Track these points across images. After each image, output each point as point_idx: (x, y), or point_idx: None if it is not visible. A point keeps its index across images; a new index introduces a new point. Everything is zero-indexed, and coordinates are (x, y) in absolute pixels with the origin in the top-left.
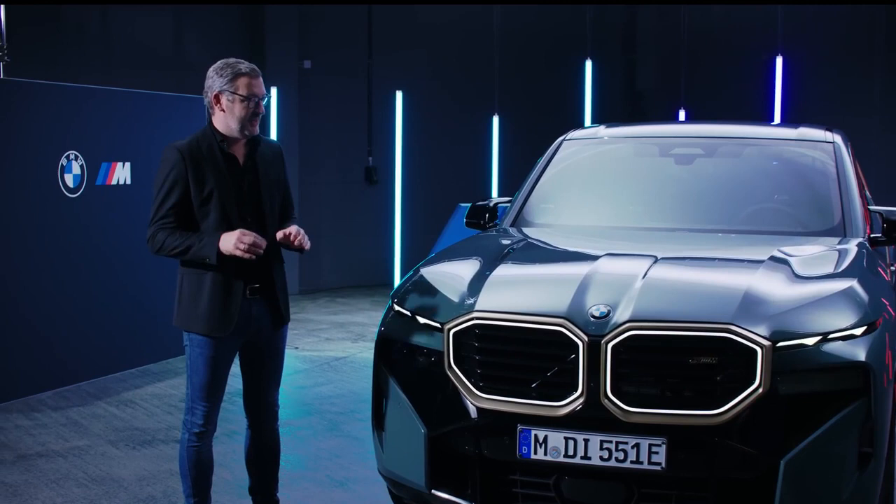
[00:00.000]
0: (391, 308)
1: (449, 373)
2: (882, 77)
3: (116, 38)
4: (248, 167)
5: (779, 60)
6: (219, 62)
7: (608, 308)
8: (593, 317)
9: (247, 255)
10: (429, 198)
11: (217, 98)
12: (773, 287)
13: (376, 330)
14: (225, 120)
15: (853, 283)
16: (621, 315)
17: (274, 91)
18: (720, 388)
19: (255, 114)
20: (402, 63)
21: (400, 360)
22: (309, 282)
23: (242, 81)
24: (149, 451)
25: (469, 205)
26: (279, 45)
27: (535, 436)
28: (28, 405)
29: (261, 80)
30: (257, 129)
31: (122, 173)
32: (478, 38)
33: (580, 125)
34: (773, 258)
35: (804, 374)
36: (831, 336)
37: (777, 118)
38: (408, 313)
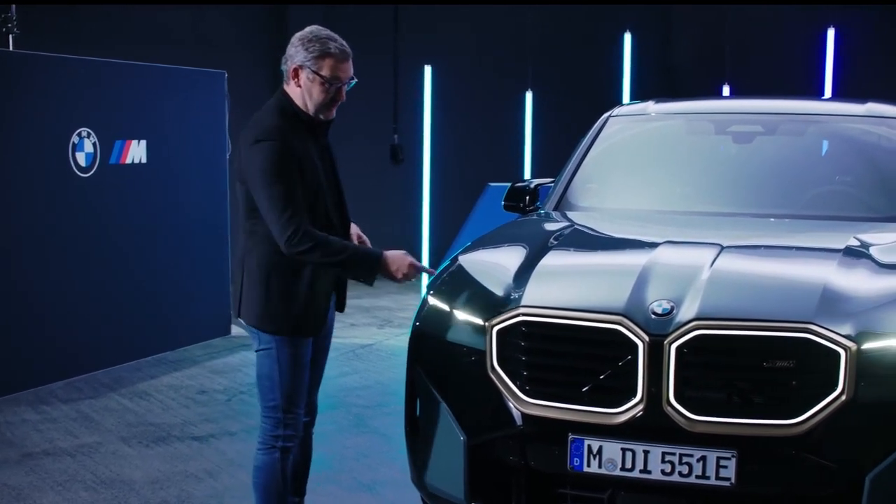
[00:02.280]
0: (426, 301)
1: (492, 374)
2: None
3: (132, 10)
4: (324, 146)
5: (830, 32)
6: (308, 30)
7: (671, 304)
8: (655, 314)
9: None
10: (458, 177)
11: (296, 72)
12: (854, 281)
13: (404, 316)
14: (302, 96)
15: None
16: (686, 312)
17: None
18: (797, 395)
19: (334, 99)
20: (431, 37)
21: (437, 359)
22: None
23: (329, 62)
24: (163, 450)
25: (499, 185)
26: (302, 17)
27: (589, 446)
28: (38, 397)
29: (350, 63)
30: (334, 114)
31: (137, 151)
32: (510, 10)
33: (618, 101)
34: (850, 247)
35: (892, 380)
36: None
37: (828, 94)
38: (446, 308)
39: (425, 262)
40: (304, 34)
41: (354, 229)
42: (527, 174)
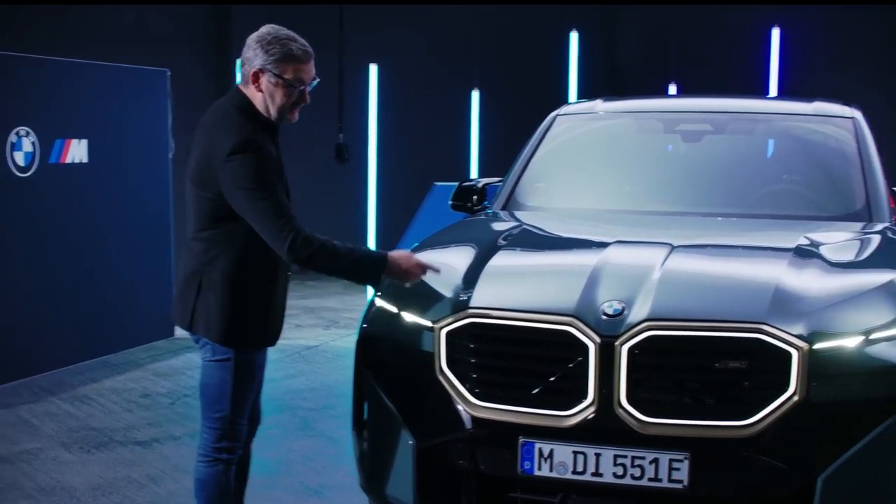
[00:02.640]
0: (374, 303)
1: (440, 377)
2: (884, 50)
3: (72, 7)
4: (279, 154)
5: (775, 32)
6: (266, 31)
7: (622, 305)
8: (606, 315)
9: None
10: (404, 177)
11: (257, 75)
12: (805, 280)
13: (351, 316)
14: (263, 102)
15: (894, 276)
16: (637, 313)
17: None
18: (750, 396)
19: (298, 102)
20: (376, 36)
21: (384, 362)
22: None
23: (292, 65)
24: (105, 455)
25: (445, 184)
26: (245, 16)
27: (540, 449)
28: None
29: (312, 63)
30: (297, 118)
31: (77, 151)
32: (456, 10)
33: (564, 100)
34: (800, 247)
35: (844, 380)
36: (874, 336)
37: (773, 93)
38: (393, 310)
39: None
40: (263, 35)
41: None
42: (473, 173)
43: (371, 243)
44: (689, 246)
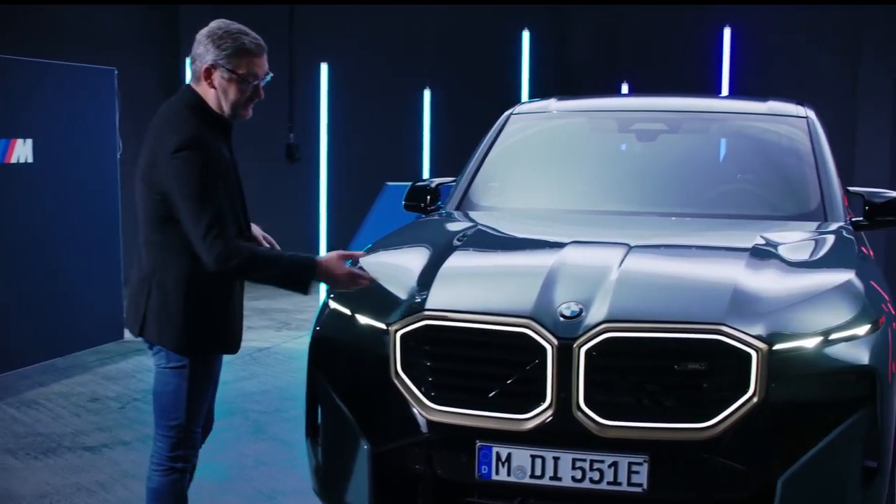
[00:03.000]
0: (327, 305)
1: (396, 381)
2: (835, 49)
3: (18, 5)
4: (231, 149)
5: (727, 32)
6: (216, 25)
7: (580, 306)
8: (563, 316)
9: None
10: (355, 177)
11: (209, 71)
12: (764, 281)
13: (303, 318)
14: (216, 98)
15: (851, 276)
16: (595, 314)
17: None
18: (709, 398)
19: (252, 98)
20: (328, 34)
21: (338, 365)
22: None
23: (245, 59)
24: (53, 462)
25: (397, 184)
26: (193, 15)
27: (497, 453)
28: None
29: (265, 57)
30: (250, 114)
31: (22, 151)
32: (408, 8)
33: (517, 99)
34: (757, 247)
35: (803, 381)
36: (833, 337)
37: (725, 93)
38: (347, 312)
39: None
40: (213, 30)
41: (257, 231)
42: (426, 173)
43: (323, 243)
44: (646, 246)
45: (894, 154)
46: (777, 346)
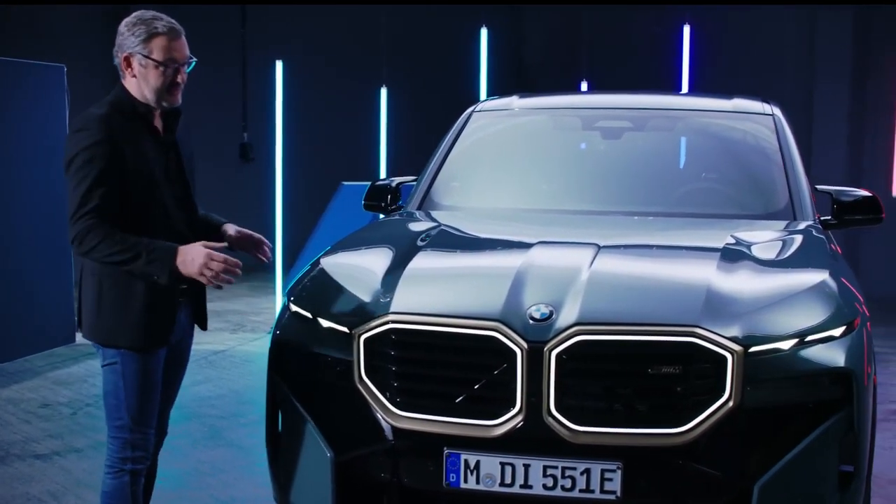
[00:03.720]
0: (287, 308)
1: (359, 386)
2: (795, 46)
3: None
4: (169, 142)
5: (686, 30)
6: (132, 16)
7: (550, 309)
8: (533, 319)
9: (213, 282)
10: (311, 176)
11: (128, 61)
12: (737, 282)
13: (258, 320)
14: (138, 87)
15: (825, 276)
16: (566, 317)
17: None
18: (683, 403)
19: (174, 83)
20: (281, 32)
21: (299, 370)
22: None
23: (158, 43)
24: (2, 471)
25: (353, 184)
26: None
27: (466, 461)
28: None
29: (183, 40)
30: (179, 100)
31: None
32: (364, 6)
33: (475, 98)
34: (728, 246)
35: (779, 384)
36: (809, 339)
37: (685, 91)
38: (308, 315)
39: (278, 264)
40: (129, 20)
41: (231, 228)
42: (382, 173)
43: (279, 244)
44: (615, 246)
45: (850, 152)
46: (753, 349)
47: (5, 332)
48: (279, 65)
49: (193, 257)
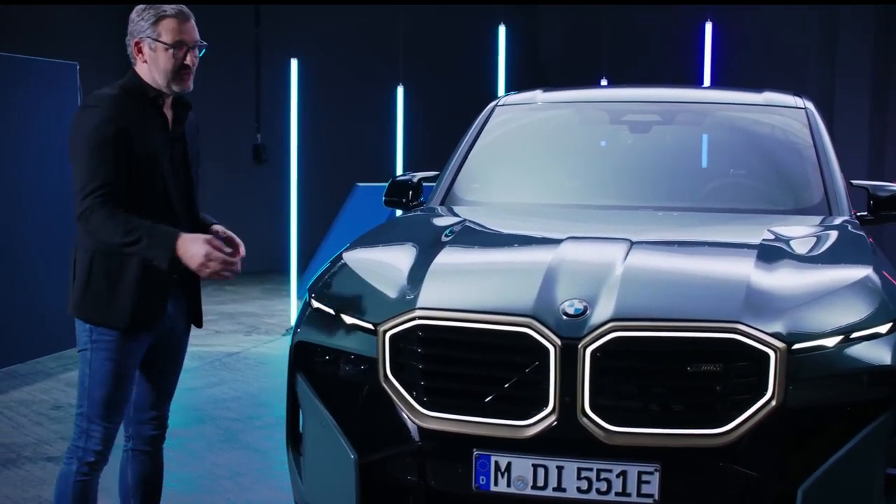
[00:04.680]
0: (308, 304)
1: (385, 385)
2: (817, 43)
3: None
4: (177, 133)
5: (708, 26)
6: (142, 3)
7: (584, 304)
8: (566, 315)
9: (210, 277)
10: (325, 177)
11: (138, 47)
12: (778, 277)
13: (272, 322)
14: (150, 72)
15: (869, 272)
16: (601, 313)
17: None
18: (724, 402)
19: (184, 66)
20: (295, 30)
21: (321, 368)
22: None
23: (167, 25)
24: (13, 474)
25: (368, 185)
26: None
27: (496, 462)
28: None
29: (192, 23)
30: (190, 85)
31: None
32: (381, 3)
33: (493, 97)
34: (766, 241)
35: (824, 383)
36: (854, 336)
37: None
38: (331, 311)
39: (293, 266)
40: (139, 6)
41: (220, 229)
42: (398, 171)
43: (293, 246)
44: (649, 242)
45: (873, 146)
46: (796, 346)
47: (17, 335)
48: (294, 63)
49: (195, 251)
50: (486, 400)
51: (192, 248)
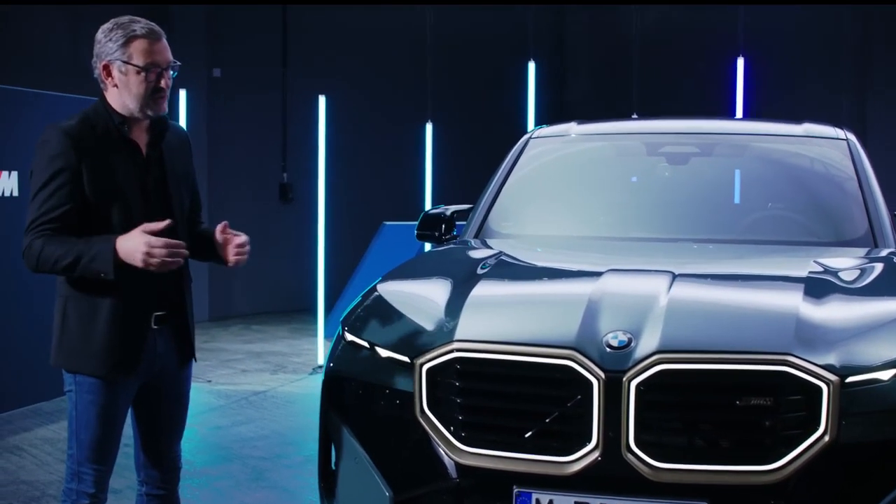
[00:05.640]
0: (341, 337)
1: (421, 419)
2: (850, 79)
3: (6, 36)
4: (153, 158)
5: (740, 62)
6: (109, 22)
7: (628, 336)
8: (610, 347)
9: (162, 269)
10: (352, 215)
11: (107, 69)
12: (828, 309)
13: (299, 361)
14: (120, 97)
15: None
16: (646, 345)
17: (182, 96)
18: (774, 437)
19: (157, 89)
20: (324, 69)
21: (355, 403)
22: (219, 308)
23: (138, 46)
24: None
25: (395, 224)
26: (186, 51)
27: (537, 500)
28: None
29: (164, 42)
30: (165, 108)
31: (7, 184)
32: (409, 39)
33: (523, 132)
34: (814, 273)
35: (879, 417)
36: None
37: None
38: (365, 344)
39: (320, 305)
40: (105, 26)
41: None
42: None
43: (321, 286)
44: (691, 274)
45: None
46: (849, 379)
47: (41, 372)
48: (322, 99)
49: (134, 247)
50: (527, 435)
51: (129, 244)
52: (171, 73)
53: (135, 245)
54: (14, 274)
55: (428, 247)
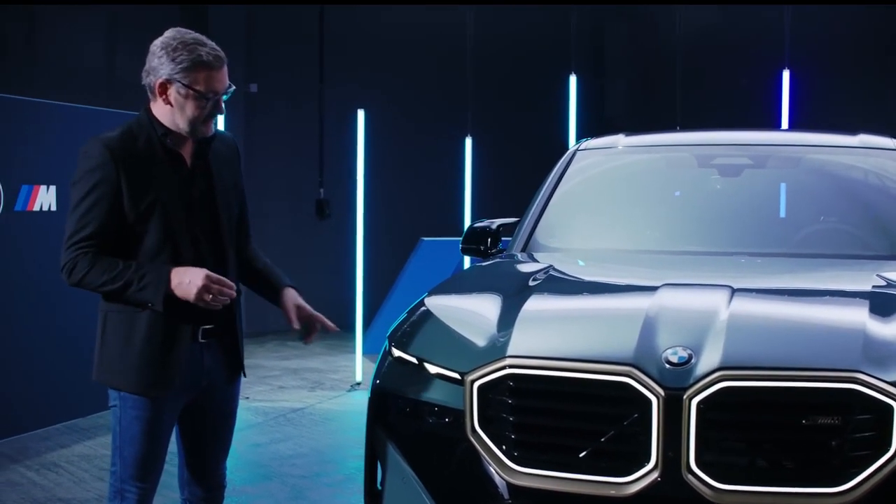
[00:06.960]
0: (388, 353)
1: (472, 438)
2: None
3: (43, 49)
4: (199, 170)
5: (785, 75)
6: (170, 35)
7: (689, 352)
8: (670, 363)
9: (210, 305)
10: (390, 231)
11: (164, 87)
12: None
13: (336, 377)
14: (171, 115)
15: None
16: (708, 361)
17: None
18: (842, 458)
19: (212, 114)
20: (361, 84)
21: (403, 421)
22: (254, 323)
23: (203, 74)
24: None
25: (433, 239)
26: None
27: None
28: None
29: (225, 70)
30: (212, 130)
31: (45, 198)
32: (448, 53)
33: (565, 148)
34: (878, 287)
35: None
36: None
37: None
38: (413, 360)
39: (358, 322)
40: (167, 41)
41: (293, 296)
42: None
43: (359, 303)
44: (751, 289)
45: None
46: None
47: (79, 388)
48: (361, 114)
49: (191, 279)
50: (582, 455)
51: (189, 275)
52: (225, 96)
53: (193, 278)
54: (51, 288)
55: (468, 262)
